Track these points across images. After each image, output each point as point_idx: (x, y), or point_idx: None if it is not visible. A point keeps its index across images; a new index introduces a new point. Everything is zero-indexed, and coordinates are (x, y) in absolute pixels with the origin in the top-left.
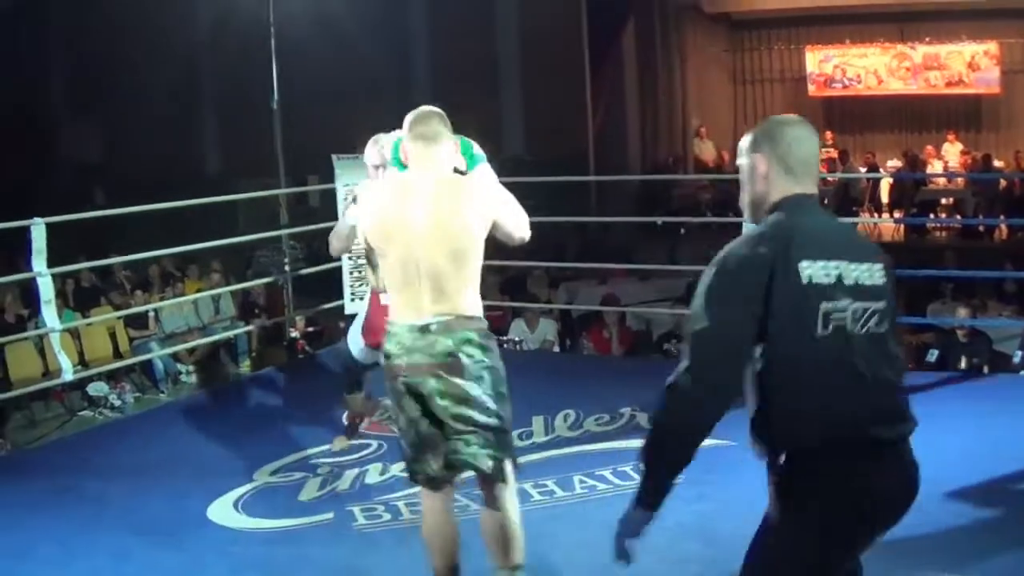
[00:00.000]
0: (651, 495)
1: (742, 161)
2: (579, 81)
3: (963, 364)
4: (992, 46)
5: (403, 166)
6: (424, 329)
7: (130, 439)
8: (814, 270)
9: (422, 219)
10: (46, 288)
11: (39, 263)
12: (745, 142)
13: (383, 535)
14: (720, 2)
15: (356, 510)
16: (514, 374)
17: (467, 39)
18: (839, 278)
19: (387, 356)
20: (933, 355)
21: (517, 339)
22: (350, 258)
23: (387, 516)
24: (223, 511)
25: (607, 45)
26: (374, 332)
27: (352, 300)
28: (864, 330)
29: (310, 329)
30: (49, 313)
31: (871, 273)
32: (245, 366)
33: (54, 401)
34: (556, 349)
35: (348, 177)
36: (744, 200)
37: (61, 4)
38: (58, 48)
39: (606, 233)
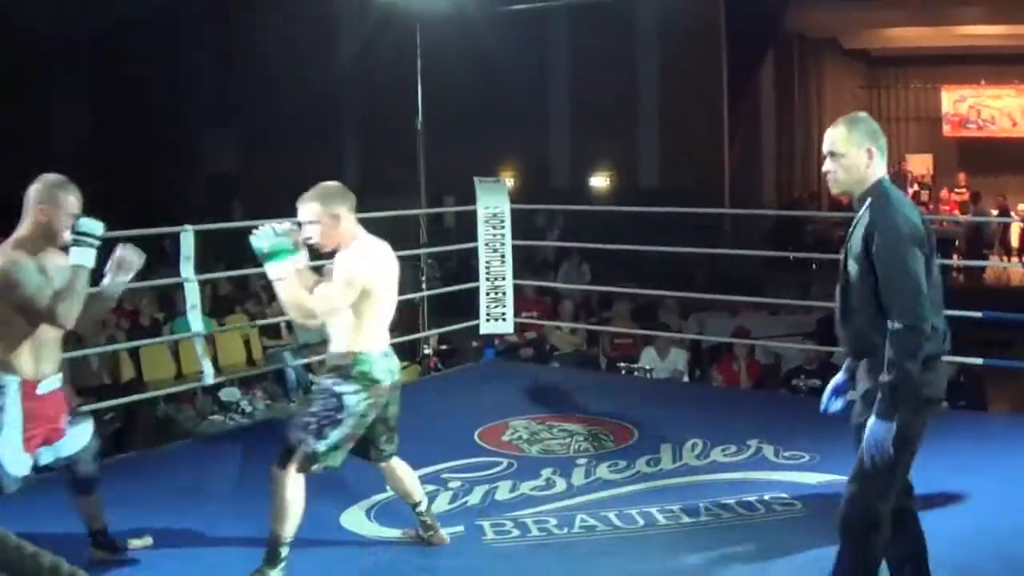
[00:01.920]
0: (892, 410)
1: (848, 150)
2: (716, 114)
3: None
4: None
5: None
6: (388, 354)
7: (261, 444)
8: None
9: (392, 272)
10: (192, 294)
11: (187, 269)
12: (849, 135)
13: (511, 550)
14: (858, 38)
15: (485, 524)
16: (643, 402)
17: (606, 70)
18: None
19: (374, 381)
20: None
21: (648, 367)
22: (487, 279)
23: (516, 532)
24: (355, 519)
25: (745, 79)
26: (39, 433)
27: (488, 320)
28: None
29: (443, 347)
30: (194, 318)
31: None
32: None
33: (185, 404)
34: (685, 379)
35: (489, 200)
36: (845, 181)
37: (213, 24)
38: (209, 64)
39: (738, 265)
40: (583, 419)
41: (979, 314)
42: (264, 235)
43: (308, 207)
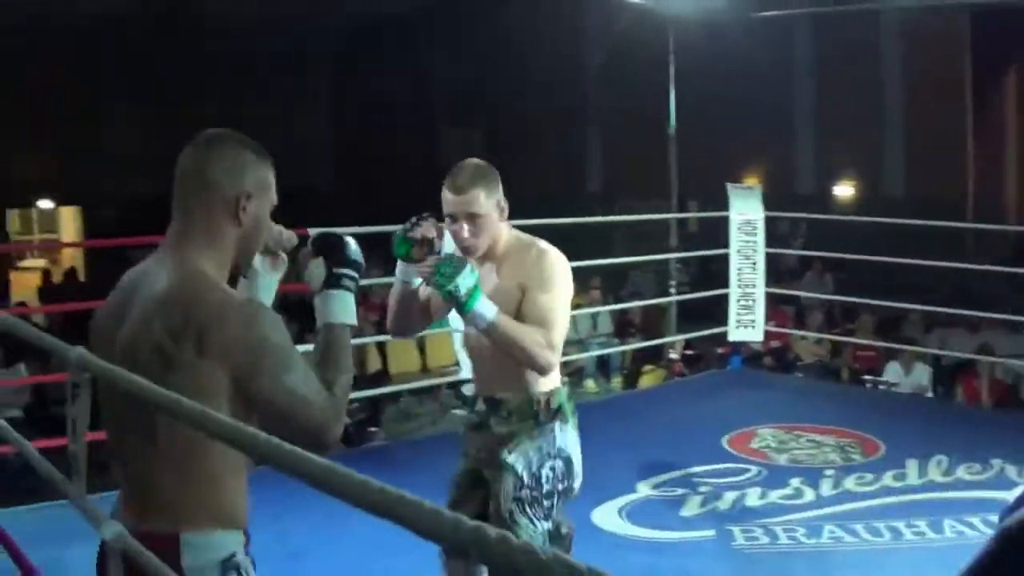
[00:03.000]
0: None
1: None
2: (961, 123)
3: None
4: None
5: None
6: None
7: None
8: None
9: None
10: None
11: None
12: None
13: (763, 556)
14: None
15: (736, 530)
16: (889, 415)
17: (850, 77)
18: None
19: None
20: None
21: (893, 381)
22: (739, 285)
23: (766, 539)
24: (607, 517)
25: (990, 87)
26: None
27: (738, 328)
28: None
29: (688, 352)
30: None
31: None
32: (616, 382)
33: (428, 398)
34: (929, 394)
35: (742, 206)
36: None
37: (460, 22)
38: (454, 61)
39: (982, 281)
40: (830, 430)
41: None
42: (449, 269)
43: (469, 196)
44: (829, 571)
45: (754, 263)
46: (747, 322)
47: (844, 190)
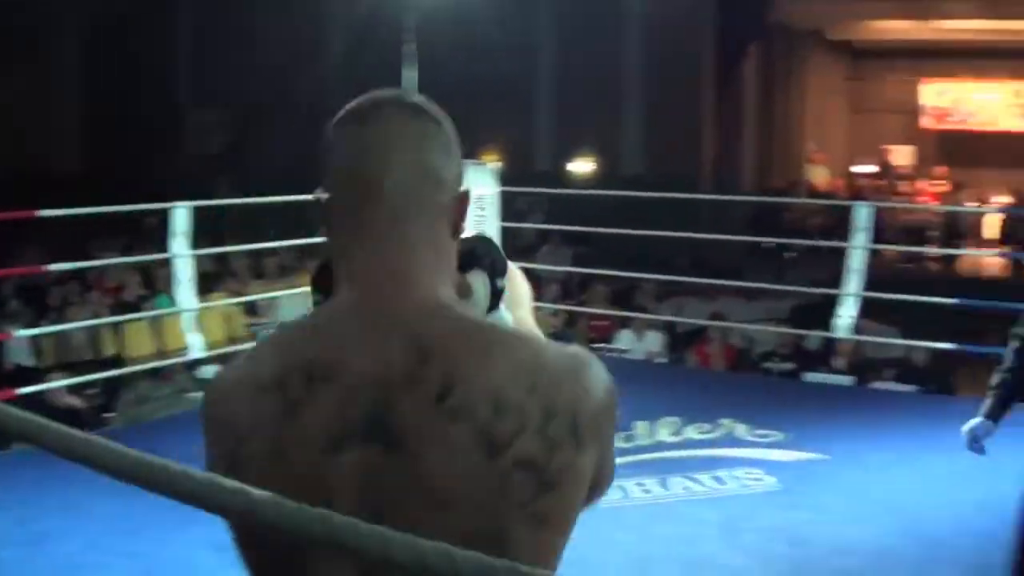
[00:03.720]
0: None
1: None
2: (700, 102)
3: None
4: None
5: None
6: None
7: None
8: None
9: None
10: (183, 269)
11: (180, 245)
12: None
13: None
14: (842, 30)
15: None
16: (620, 381)
17: (591, 52)
18: None
19: None
20: None
21: (624, 348)
22: None
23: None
24: None
25: (730, 68)
26: None
27: None
28: None
29: None
30: (185, 293)
31: None
32: None
33: (162, 381)
34: (661, 360)
35: (475, 182)
36: None
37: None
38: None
39: (715, 252)
40: None
41: (954, 300)
42: None
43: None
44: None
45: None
46: None
47: (583, 166)
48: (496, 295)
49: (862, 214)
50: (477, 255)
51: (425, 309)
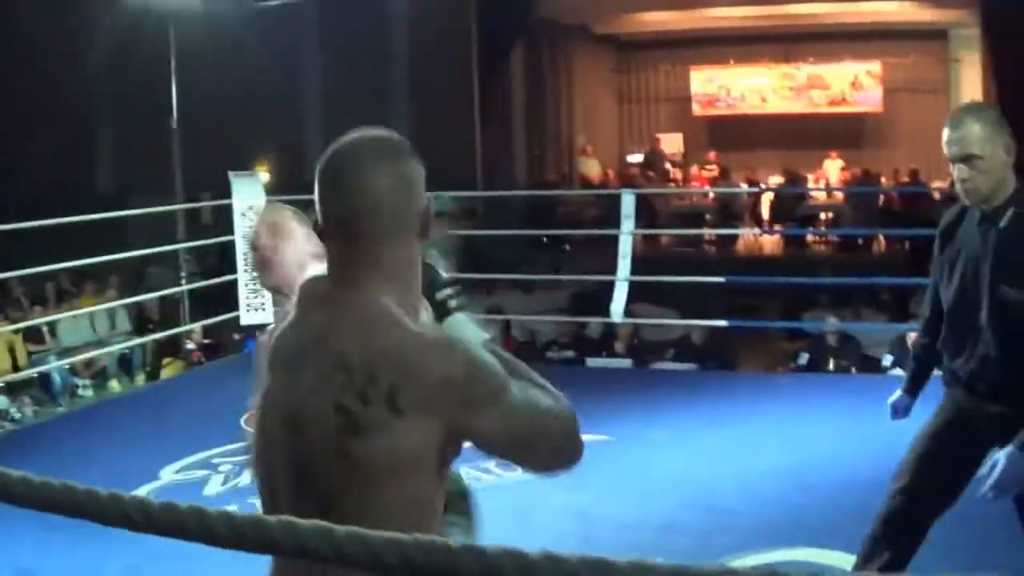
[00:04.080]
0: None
1: (986, 151)
2: (468, 100)
3: (831, 367)
4: (875, 66)
5: None
6: None
7: (35, 445)
8: None
9: None
10: None
11: None
12: (984, 132)
13: None
14: (608, 23)
15: (257, 502)
16: None
17: (358, 57)
18: None
19: None
20: (803, 358)
21: None
22: (246, 271)
23: None
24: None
25: (497, 64)
26: None
27: (248, 311)
28: None
29: (206, 341)
30: None
31: None
32: (139, 380)
33: None
34: None
35: (244, 193)
36: (986, 189)
37: None
38: None
39: (492, 248)
40: None
41: (722, 279)
42: None
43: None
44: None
45: None
46: (257, 305)
47: None
48: (440, 305)
49: (627, 201)
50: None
51: (350, 306)
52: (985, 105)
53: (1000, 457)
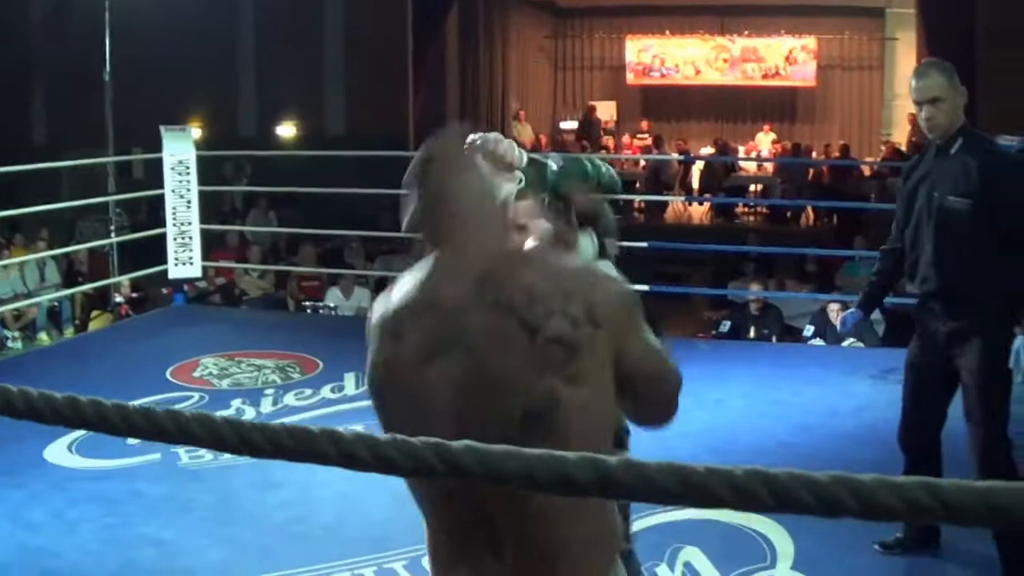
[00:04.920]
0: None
1: (948, 95)
2: (402, 63)
3: (752, 335)
4: (810, 41)
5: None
6: None
7: None
8: None
9: None
10: None
11: None
12: (948, 81)
13: (206, 472)
14: None
15: (181, 451)
16: (329, 337)
17: (292, 17)
18: None
19: None
20: (726, 325)
21: (332, 305)
22: (175, 225)
23: (209, 456)
24: (58, 453)
25: (431, 28)
26: None
27: (176, 265)
28: None
29: (134, 295)
30: None
31: None
32: (68, 332)
33: None
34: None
35: (174, 147)
36: (947, 125)
37: None
38: None
39: None
40: (271, 354)
41: (644, 244)
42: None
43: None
44: (269, 475)
45: (188, 201)
46: (185, 259)
47: (287, 131)
48: (602, 250)
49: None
50: (591, 218)
51: (485, 253)
52: (942, 60)
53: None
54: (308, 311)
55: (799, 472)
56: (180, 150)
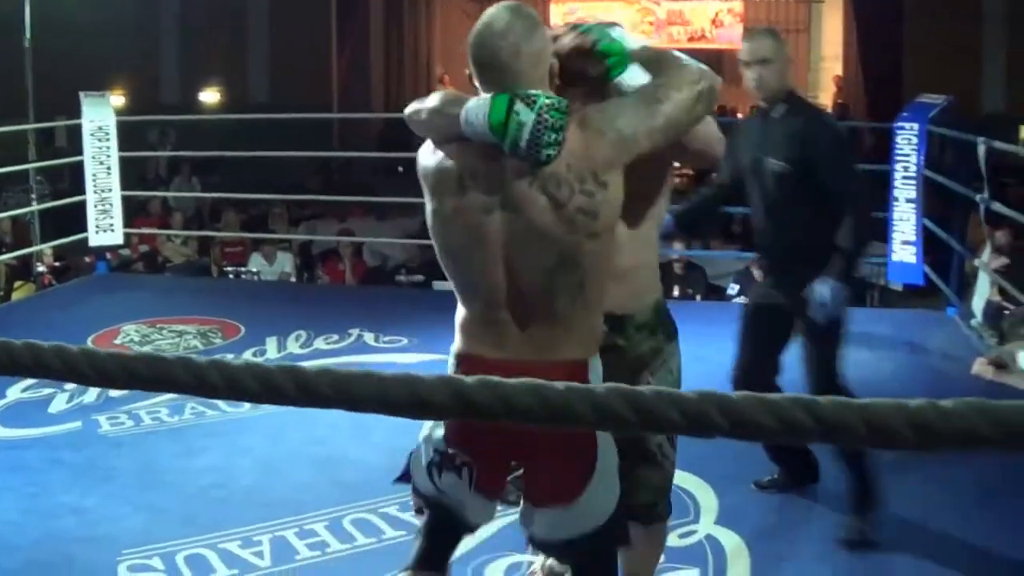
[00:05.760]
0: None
1: (776, 57)
2: (325, 27)
3: (676, 293)
4: (736, 3)
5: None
6: None
7: None
8: None
9: None
10: None
11: None
12: (775, 44)
13: (128, 438)
14: None
15: (102, 419)
16: (251, 302)
17: None
18: None
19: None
20: None
21: (255, 270)
22: (95, 191)
23: (130, 423)
24: None
25: None
26: None
27: (98, 233)
28: None
29: (57, 264)
30: None
31: None
32: None
33: None
34: (293, 280)
35: (94, 114)
36: (775, 86)
37: None
38: None
39: (347, 174)
40: (193, 320)
41: None
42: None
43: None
44: (191, 442)
45: (108, 168)
46: (106, 226)
47: (211, 96)
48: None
49: None
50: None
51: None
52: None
53: (825, 290)
54: (231, 276)
55: (667, 391)
56: (99, 116)
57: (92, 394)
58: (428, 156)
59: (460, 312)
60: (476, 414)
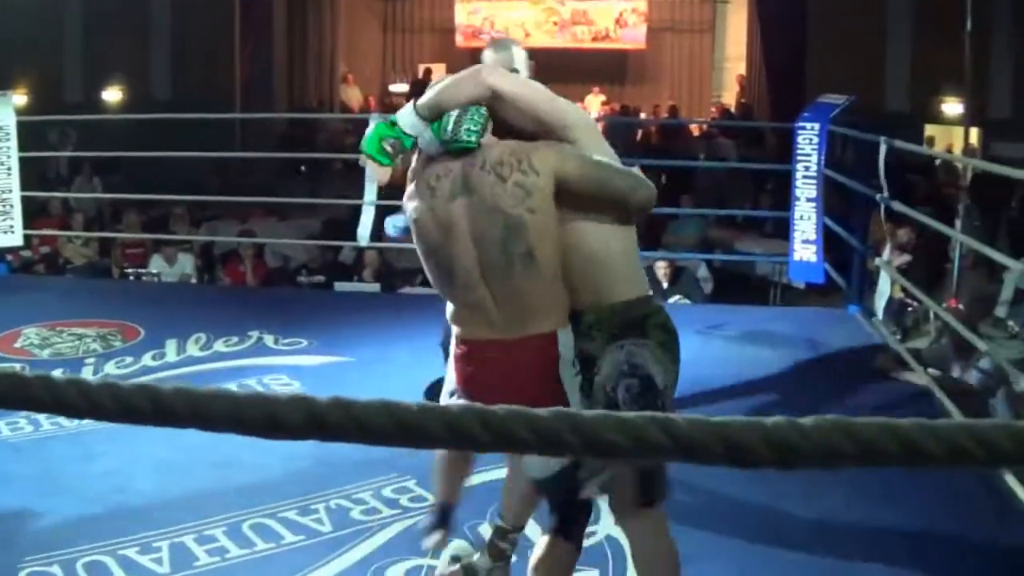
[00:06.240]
0: None
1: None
2: (229, 26)
3: None
4: (640, 3)
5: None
6: None
7: None
8: None
9: None
10: None
11: None
12: (524, 56)
13: (27, 443)
14: None
15: (0, 424)
16: (151, 304)
17: None
18: None
19: None
20: None
21: (155, 272)
22: None
23: (29, 428)
24: None
25: None
26: None
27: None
28: None
29: None
30: None
31: None
32: None
33: None
34: (193, 281)
35: None
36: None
37: None
38: None
39: (247, 174)
40: (92, 323)
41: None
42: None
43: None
44: (90, 447)
45: (8, 168)
46: (6, 228)
47: (113, 95)
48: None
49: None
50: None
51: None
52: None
53: None
54: (131, 278)
55: (520, 409)
56: (1, 117)
57: None
58: (410, 188)
59: (448, 308)
60: (329, 435)
